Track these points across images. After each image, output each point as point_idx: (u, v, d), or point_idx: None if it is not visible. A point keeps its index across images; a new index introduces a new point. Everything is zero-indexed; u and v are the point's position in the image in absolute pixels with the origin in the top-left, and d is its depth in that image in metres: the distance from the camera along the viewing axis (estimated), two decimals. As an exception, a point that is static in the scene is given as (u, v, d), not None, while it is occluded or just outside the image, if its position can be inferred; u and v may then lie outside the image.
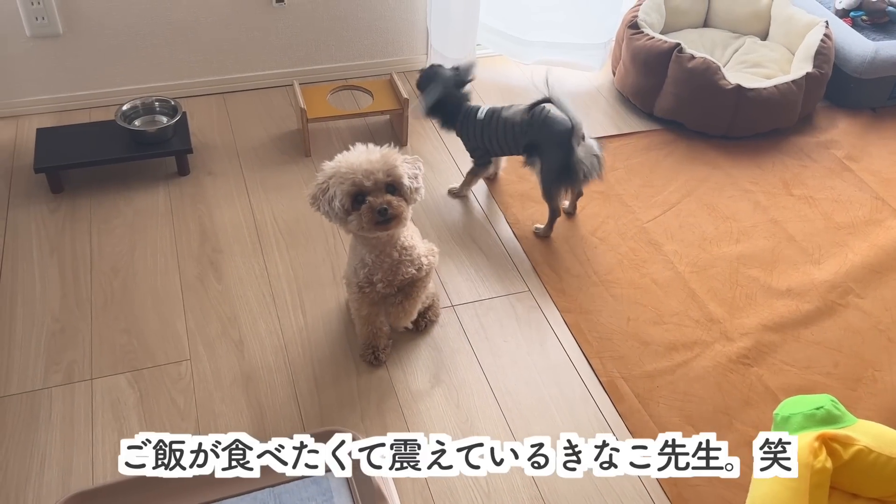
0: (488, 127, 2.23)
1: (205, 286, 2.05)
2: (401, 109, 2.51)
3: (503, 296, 2.09)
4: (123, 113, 2.36)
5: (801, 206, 2.43)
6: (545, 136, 2.12)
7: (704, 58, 2.59)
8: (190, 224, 2.24)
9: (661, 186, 2.48)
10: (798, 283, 2.16)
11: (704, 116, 2.65)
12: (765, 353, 1.97)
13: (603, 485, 1.66)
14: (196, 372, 1.84)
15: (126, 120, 2.36)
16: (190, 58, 2.67)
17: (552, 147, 2.12)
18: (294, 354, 1.90)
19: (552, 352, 1.94)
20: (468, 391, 1.84)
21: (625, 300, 2.09)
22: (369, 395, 1.81)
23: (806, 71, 2.65)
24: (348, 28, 2.78)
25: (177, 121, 2.36)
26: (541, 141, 2.14)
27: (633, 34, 2.75)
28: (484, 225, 2.31)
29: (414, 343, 1.95)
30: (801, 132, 2.75)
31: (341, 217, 1.61)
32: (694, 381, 1.89)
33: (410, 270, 1.74)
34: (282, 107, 2.73)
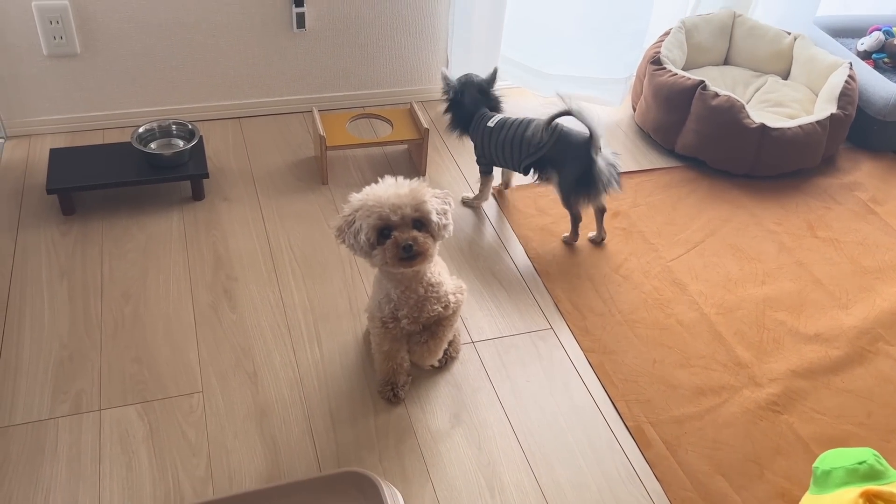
0: (496, 137, 2.24)
1: (218, 315, 1.99)
2: (420, 139, 2.47)
3: (525, 333, 2.03)
4: (139, 135, 2.32)
5: (827, 249, 2.39)
6: (562, 148, 2.13)
7: (729, 96, 2.56)
8: (204, 250, 2.18)
9: (683, 224, 2.43)
10: (826, 328, 2.11)
11: (727, 155, 2.62)
12: (795, 400, 1.91)
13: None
14: (208, 405, 1.78)
15: (142, 142, 2.32)
16: (207, 81, 2.63)
17: (571, 159, 2.12)
18: (310, 388, 1.83)
19: (576, 393, 1.88)
20: (490, 433, 1.77)
21: (650, 341, 2.03)
22: (388, 434, 1.75)
23: (830, 112, 2.62)
24: (369, 56, 2.75)
25: (193, 145, 2.32)
26: (557, 154, 2.14)
27: (655, 70, 2.73)
28: (504, 259, 2.26)
29: (433, 380, 1.89)
30: (824, 173, 2.71)
31: (366, 251, 1.56)
32: (723, 427, 1.83)
33: (437, 308, 1.68)
34: (299, 133, 2.69)
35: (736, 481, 1.71)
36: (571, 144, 2.13)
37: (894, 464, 1.77)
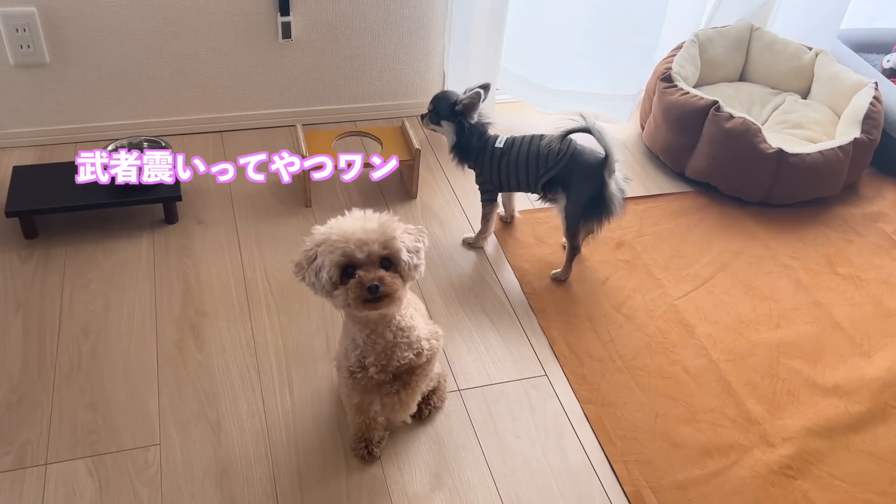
0: (506, 157, 2.07)
1: (183, 355, 1.84)
2: (411, 160, 2.30)
3: (517, 380, 1.87)
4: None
5: (847, 288, 2.21)
6: (573, 168, 1.99)
7: (744, 118, 2.38)
8: (173, 281, 2.02)
9: (692, 258, 2.26)
10: (846, 379, 1.93)
11: (741, 181, 2.44)
12: (810, 462, 1.73)
13: None
14: (165, 460, 1.62)
15: (111, 161, 2.16)
16: (187, 93, 2.47)
17: (583, 180, 1.98)
18: (277, 443, 1.67)
19: (570, 452, 1.72)
20: (473, 497, 1.61)
21: (653, 392, 1.86)
22: (360, 497, 1.59)
23: (854, 136, 2.44)
24: (359, 68, 2.58)
25: (166, 164, 2.16)
26: (568, 174, 2.00)
27: (665, 87, 2.55)
28: (497, 293, 2.10)
29: (413, 434, 1.72)
30: (845, 202, 2.53)
31: (328, 290, 1.39)
32: (731, 494, 1.66)
33: (407, 355, 1.51)
34: (283, 149, 2.52)
35: (744, 559, 1.55)
36: (583, 164, 1.98)
37: (921, 541, 1.60)
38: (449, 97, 2.11)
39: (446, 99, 2.12)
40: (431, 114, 2.15)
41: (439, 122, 2.13)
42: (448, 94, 2.13)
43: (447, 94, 2.13)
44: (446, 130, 2.14)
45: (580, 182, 1.99)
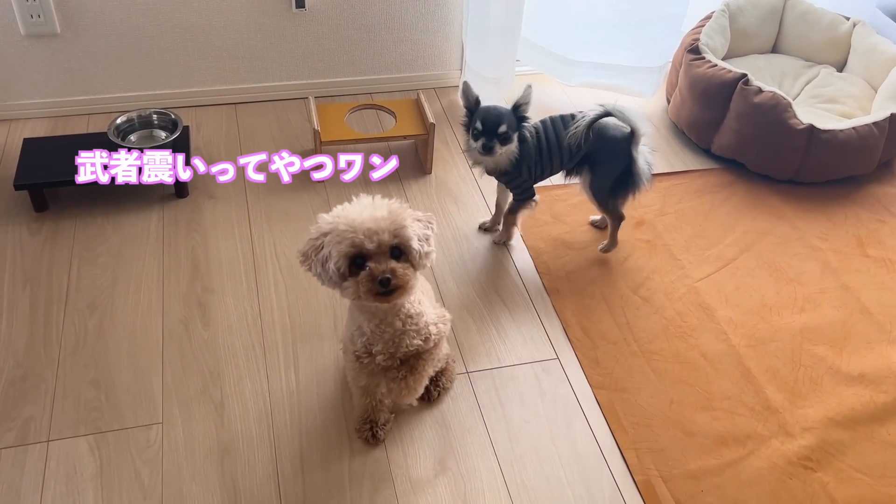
0: (538, 148, 1.94)
1: (189, 332, 1.81)
2: (426, 134, 2.24)
3: (527, 363, 1.82)
4: (117, 127, 2.13)
5: (878, 271, 2.11)
6: (599, 146, 1.91)
7: (774, 92, 2.27)
8: (181, 256, 2.00)
9: (715, 238, 2.18)
10: (872, 367, 1.85)
11: (770, 158, 2.34)
12: (831, 454, 1.67)
13: None
14: (167, 439, 1.60)
15: (120, 135, 2.13)
16: (200, 64, 2.43)
17: (609, 156, 1.91)
18: (280, 423, 1.65)
19: (580, 439, 1.67)
20: (478, 483, 1.57)
21: (668, 377, 1.80)
22: (362, 481, 1.56)
23: (890, 112, 2.32)
24: (375, 39, 2.51)
25: (176, 137, 2.12)
26: (594, 151, 1.92)
27: (692, 59, 2.45)
28: (510, 273, 2.04)
29: (419, 418, 1.69)
30: (879, 181, 2.42)
31: (336, 282, 1.35)
32: (746, 485, 1.60)
33: (416, 342, 1.47)
34: (297, 122, 2.48)
35: (757, 554, 1.49)
36: (609, 140, 1.90)
37: (945, 539, 1.53)
38: (501, 109, 1.85)
39: (505, 110, 1.85)
40: (502, 136, 1.84)
41: (510, 140, 1.87)
42: (496, 107, 1.86)
43: (497, 107, 1.86)
44: (510, 148, 1.88)
45: (607, 159, 1.91)
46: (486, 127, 1.83)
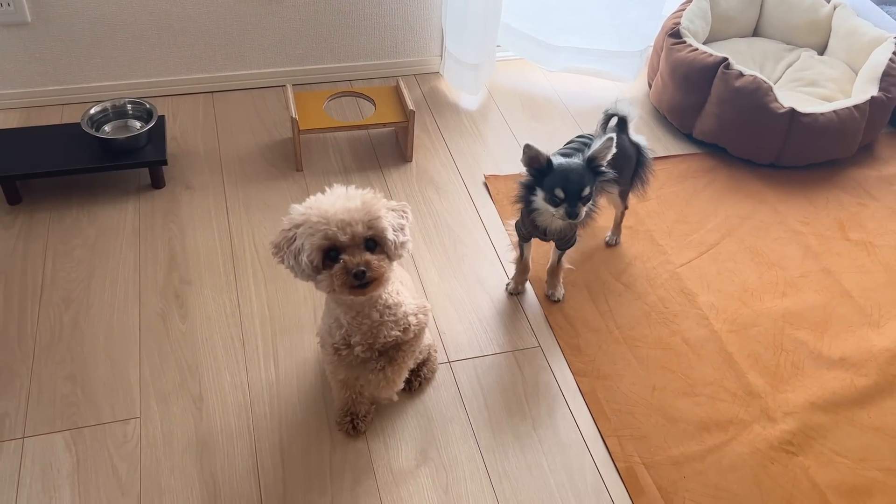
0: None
1: (166, 325, 1.79)
2: (406, 122, 2.21)
3: (509, 352, 1.81)
4: (91, 117, 2.09)
5: (859, 254, 2.11)
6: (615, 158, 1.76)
7: (755, 76, 2.26)
8: (158, 248, 1.97)
9: (697, 223, 2.17)
10: (854, 351, 1.85)
11: (751, 142, 2.33)
12: (812, 438, 1.67)
13: None
14: (145, 434, 1.58)
15: (94, 125, 2.09)
16: (175, 52, 2.39)
17: (624, 156, 1.86)
18: (259, 416, 1.63)
19: (562, 427, 1.66)
20: (459, 473, 1.56)
21: (651, 363, 1.80)
22: (343, 473, 1.54)
23: (871, 94, 2.32)
24: (353, 24, 2.48)
25: (151, 127, 2.09)
26: (613, 161, 1.76)
27: (673, 44, 2.43)
28: (492, 262, 2.02)
29: (401, 409, 1.67)
30: (860, 164, 2.42)
31: (309, 274, 1.33)
32: (728, 471, 1.60)
33: (394, 333, 1.45)
34: (276, 110, 2.45)
35: (739, 539, 1.49)
36: (618, 141, 1.77)
37: (925, 521, 1.54)
38: (578, 167, 1.63)
39: (582, 167, 1.64)
40: (586, 198, 1.63)
41: (591, 198, 1.67)
42: (573, 166, 1.63)
43: (573, 166, 1.63)
44: (590, 206, 1.70)
45: (622, 160, 1.83)
46: (570, 192, 1.61)
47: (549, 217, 1.69)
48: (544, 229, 1.75)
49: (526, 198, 1.71)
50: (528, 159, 1.64)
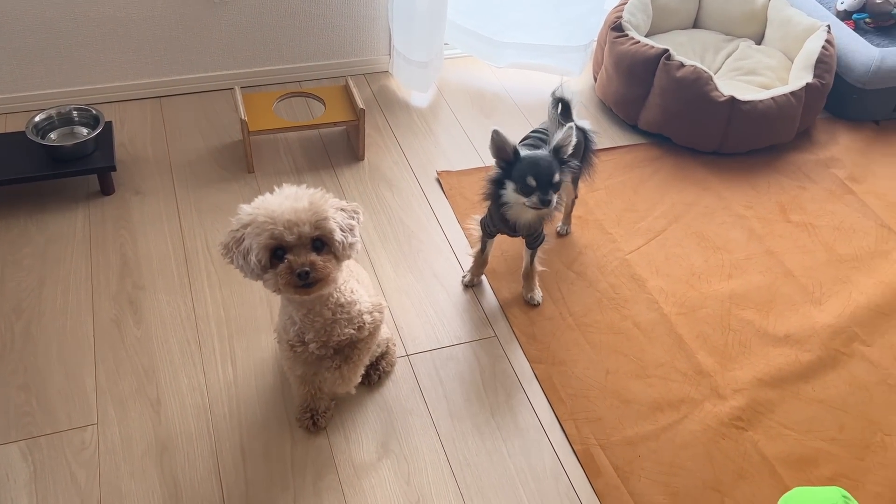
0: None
1: (121, 331, 1.78)
2: (356, 121, 2.23)
3: (466, 343, 1.83)
4: (36, 125, 2.06)
5: (800, 235, 2.19)
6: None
7: (695, 66, 2.33)
8: (110, 254, 1.95)
9: (645, 211, 2.23)
10: (797, 328, 1.92)
11: (694, 131, 2.40)
12: (760, 413, 1.73)
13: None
14: (103, 440, 1.57)
15: (39, 133, 2.07)
16: (120, 58, 2.37)
17: (576, 143, 1.82)
18: (219, 417, 1.63)
19: (520, 413, 1.69)
20: (421, 463, 1.58)
21: (603, 348, 1.84)
22: (305, 469, 1.55)
23: (806, 81, 2.40)
24: (300, 25, 2.49)
25: (98, 133, 2.07)
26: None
27: (616, 37, 2.49)
28: (447, 256, 2.05)
29: (361, 403, 1.69)
30: (799, 148, 2.50)
31: (257, 274, 1.34)
32: (681, 448, 1.65)
33: (348, 330, 1.47)
34: (225, 113, 2.44)
35: (693, 513, 1.54)
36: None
37: (869, 486, 1.61)
38: (546, 156, 1.65)
39: (549, 156, 1.66)
40: (557, 185, 1.65)
41: (560, 186, 1.68)
42: (540, 156, 1.65)
43: (540, 155, 1.65)
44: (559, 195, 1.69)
45: (576, 150, 1.81)
46: (541, 180, 1.62)
47: (520, 209, 1.69)
48: (514, 224, 1.75)
49: (495, 193, 1.72)
50: (496, 148, 1.64)
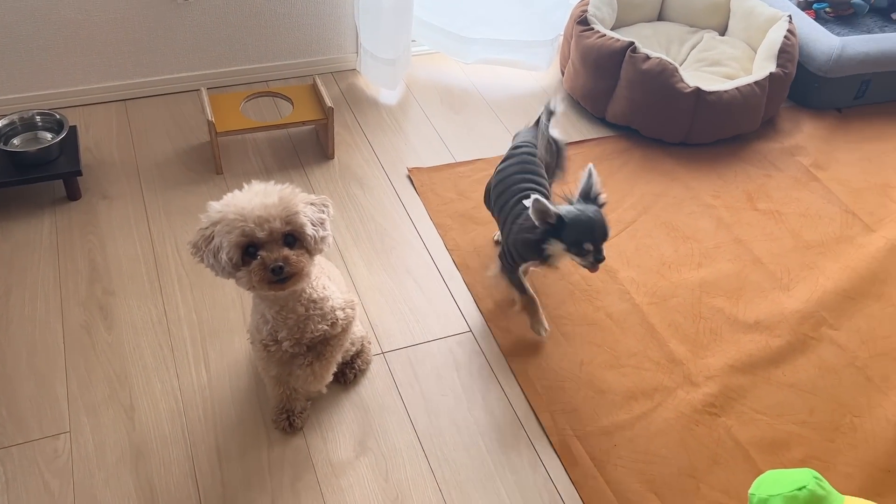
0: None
1: (92, 337, 1.76)
2: (325, 119, 2.22)
3: (441, 338, 1.84)
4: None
5: (767, 223, 2.22)
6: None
7: (660, 58, 2.35)
8: (78, 260, 1.93)
9: (615, 203, 2.24)
10: (767, 314, 1.95)
11: (661, 122, 2.42)
12: (733, 399, 1.75)
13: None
14: (76, 447, 1.55)
15: (2, 139, 2.03)
16: (83, 61, 2.34)
17: (554, 148, 1.90)
18: (194, 420, 1.62)
19: (496, 407, 1.70)
20: (399, 460, 1.58)
21: (577, 339, 1.85)
22: (282, 470, 1.55)
23: (769, 71, 2.43)
24: (266, 25, 2.47)
25: (63, 137, 2.04)
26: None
27: (582, 31, 2.50)
28: (420, 253, 2.05)
29: (337, 402, 1.69)
30: (764, 138, 2.54)
31: (229, 272, 1.33)
32: (656, 436, 1.67)
33: (321, 326, 1.46)
34: (192, 115, 2.42)
35: (670, 500, 1.56)
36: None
37: (840, 466, 1.64)
38: (593, 213, 1.65)
39: (596, 211, 1.67)
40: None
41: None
42: (589, 214, 1.64)
43: (589, 213, 1.65)
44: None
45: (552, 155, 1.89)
46: (597, 243, 1.63)
47: (564, 258, 1.68)
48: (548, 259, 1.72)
49: (536, 247, 1.67)
50: (540, 215, 1.61)
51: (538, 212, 1.61)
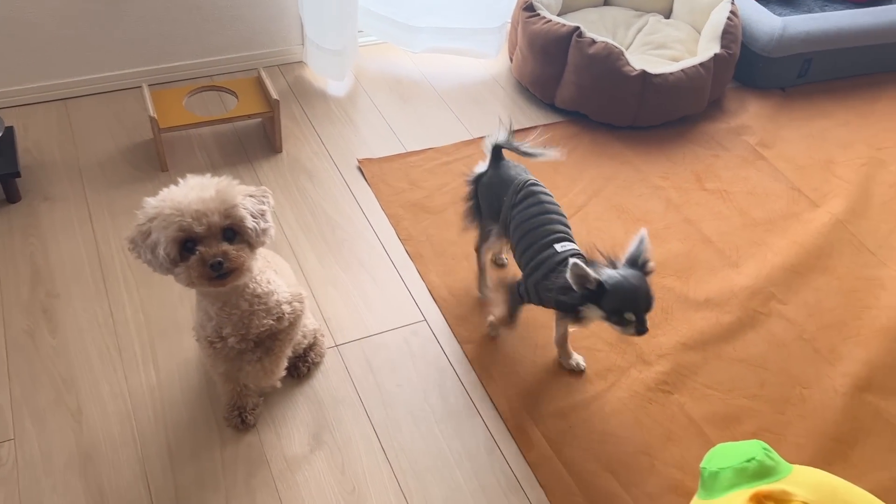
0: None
1: (35, 342, 1.71)
2: (271, 112, 2.19)
3: (395, 329, 1.83)
4: (-71, 133, 1.97)
5: (716, 202, 2.25)
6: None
7: (606, 42, 2.36)
8: (19, 264, 1.88)
9: (565, 187, 2.25)
10: (717, 292, 1.98)
11: (609, 106, 2.44)
12: (685, 376, 1.77)
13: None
14: (21, 455, 1.51)
15: (-67, 141, 1.97)
16: (19, 59, 2.27)
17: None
18: (144, 421, 1.59)
19: (452, 394, 1.70)
20: (355, 453, 1.57)
21: (531, 324, 1.86)
22: (236, 467, 1.53)
23: (714, 52, 2.46)
24: (207, 18, 2.42)
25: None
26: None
27: (528, 17, 2.50)
28: (372, 244, 2.04)
29: (290, 396, 1.67)
30: (711, 118, 2.57)
31: (167, 268, 1.30)
32: (610, 416, 1.68)
33: (267, 321, 1.44)
34: (135, 112, 2.37)
35: (625, 477, 1.57)
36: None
37: (790, 437, 1.67)
38: (638, 280, 1.52)
39: (640, 277, 1.53)
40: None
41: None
42: (634, 281, 1.51)
43: (633, 280, 1.51)
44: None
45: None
46: (640, 314, 1.51)
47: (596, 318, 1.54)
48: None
49: (569, 309, 1.56)
50: (578, 280, 1.47)
51: (577, 276, 1.47)
